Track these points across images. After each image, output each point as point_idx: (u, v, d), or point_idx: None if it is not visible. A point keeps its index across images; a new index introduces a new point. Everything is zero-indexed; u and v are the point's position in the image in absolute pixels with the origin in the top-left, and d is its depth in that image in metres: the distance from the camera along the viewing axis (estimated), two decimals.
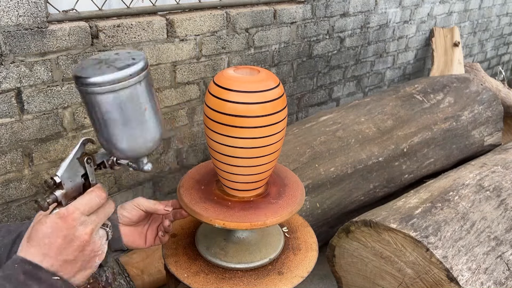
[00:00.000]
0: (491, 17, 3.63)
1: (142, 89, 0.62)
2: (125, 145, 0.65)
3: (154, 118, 0.66)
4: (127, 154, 0.67)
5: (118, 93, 0.60)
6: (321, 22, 2.23)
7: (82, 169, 0.66)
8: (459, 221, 1.27)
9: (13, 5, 1.24)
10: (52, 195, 0.62)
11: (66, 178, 0.63)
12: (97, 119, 0.62)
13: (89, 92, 0.59)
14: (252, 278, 0.91)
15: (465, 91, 2.30)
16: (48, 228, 0.59)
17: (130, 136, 0.64)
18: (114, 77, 0.59)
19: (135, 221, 0.85)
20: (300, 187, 0.96)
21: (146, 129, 0.66)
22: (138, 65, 0.61)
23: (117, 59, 0.62)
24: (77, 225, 0.60)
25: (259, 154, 0.84)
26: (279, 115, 0.82)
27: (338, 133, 1.84)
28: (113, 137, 0.64)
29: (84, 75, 0.58)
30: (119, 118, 0.62)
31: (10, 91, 1.32)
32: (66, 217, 0.60)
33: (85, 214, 0.61)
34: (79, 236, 0.60)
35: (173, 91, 1.74)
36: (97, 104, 0.60)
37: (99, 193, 0.64)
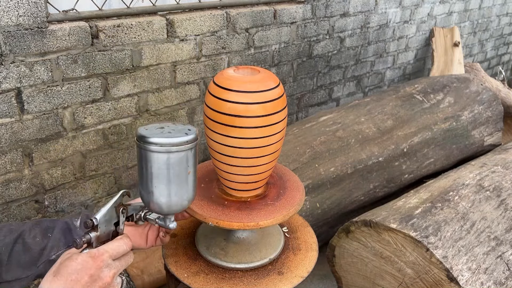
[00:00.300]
0: (491, 17, 3.62)
1: (191, 156, 0.72)
2: (164, 200, 0.73)
3: (193, 181, 0.76)
4: (162, 209, 0.74)
5: (173, 154, 0.70)
6: (321, 22, 2.23)
7: (116, 217, 0.72)
8: (459, 221, 1.27)
9: (13, 5, 1.24)
10: (87, 235, 0.67)
11: (102, 222, 0.69)
12: (147, 174, 0.71)
13: (151, 150, 0.69)
14: (252, 278, 0.91)
15: (465, 91, 2.30)
16: (78, 265, 0.62)
17: (171, 192, 0.73)
18: (175, 141, 0.70)
19: (141, 223, 0.86)
20: (300, 188, 0.96)
21: (185, 189, 0.74)
22: (192, 135, 0.72)
23: (175, 129, 0.73)
24: (104, 266, 0.64)
25: (259, 154, 0.84)
26: (279, 115, 0.82)
27: (338, 133, 1.84)
28: (156, 191, 0.72)
29: (148, 135, 0.70)
30: (167, 175, 0.71)
31: (10, 91, 1.32)
32: (96, 257, 0.64)
33: (112, 258, 0.66)
34: (103, 277, 0.64)
35: (173, 91, 1.74)
36: (154, 161, 0.70)
37: (126, 241, 0.69)
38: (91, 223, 0.67)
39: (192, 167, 0.74)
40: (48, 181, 1.50)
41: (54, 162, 1.49)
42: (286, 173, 1.02)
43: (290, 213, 0.88)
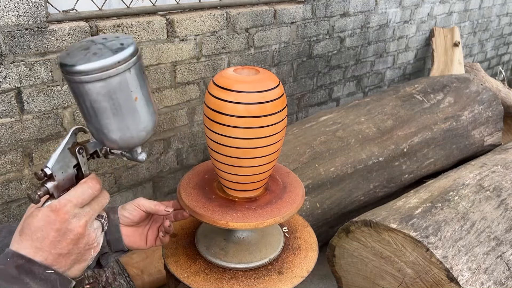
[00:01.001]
0: (491, 17, 3.63)
1: (132, 77, 0.59)
2: (116, 136, 0.62)
3: (146, 107, 0.63)
4: (119, 145, 0.64)
5: (106, 82, 0.56)
6: (321, 22, 2.23)
7: (74, 160, 0.63)
8: (459, 221, 1.27)
9: (13, 5, 1.24)
10: (43, 187, 0.60)
11: (57, 169, 0.61)
12: (85, 109, 0.59)
13: (76, 80, 0.56)
14: (252, 278, 0.91)
15: (465, 91, 2.30)
16: (40, 222, 0.57)
17: (121, 126, 0.61)
18: (102, 64, 0.55)
19: (136, 221, 0.85)
20: (300, 188, 0.96)
21: (137, 119, 0.62)
22: (127, 51, 0.57)
23: (105, 45, 0.58)
24: (70, 218, 0.58)
25: (258, 154, 0.84)
26: (279, 115, 0.82)
27: (338, 133, 1.84)
28: (103, 127, 0.61)
29: (70, 63, 0.55)
30: (108, 107, 0.59)
31: (10, 91, 1.32)
32: (58, 210, 0.58)
33: (79, 206, 0.60)
34: (72, 229, 0.58)
35: (173, 91, 1.74)
36: (85, 93, 0.57)
37: (92, 184, 0.62)
38: (42, 173, 0.60)
39: (138, 90, 0.60)
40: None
41: None
42: (286, 173, 1.02)
43: (290, 213, 0.88)
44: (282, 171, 1.03)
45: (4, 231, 0.79)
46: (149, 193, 1.84)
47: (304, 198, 0.93)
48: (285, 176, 1.00)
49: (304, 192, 0.95)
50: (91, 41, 0.59)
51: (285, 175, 1.01)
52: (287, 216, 0.87)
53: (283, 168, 1.04)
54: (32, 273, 0.56)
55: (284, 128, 0.86)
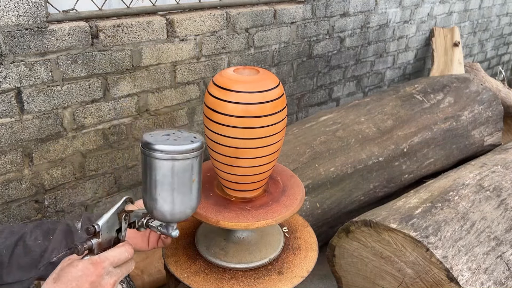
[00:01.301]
0: (491, 17, 3.62)
1: (196, 164, 0.72)
2: (167, 208, 0.72)
3: (197, 189, 0.75)
4: (166, 217, 0.73)
5: (179, 162, 0.70)
6: (321, 22, 2.23)
7: (118, 224, 0.71)
8: (459, 221, 1.27)
9: (13, 5, 1.24)
10: (89, 242, 0.66)
11: (104, 229, 0.68)
12: (151, 181, 0.71)
13: (156, 157, 0.69)
14: (252, 278, 0.91)
15: (465, 91, 2.30)
16: (79, 272, 0.61)
17: (175, 200, 0.72)
18: (180, 149, 0.69)
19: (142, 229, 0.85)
20: (300, 188, 0.96)
21: (189, 198, 0.74)
22: (198, 143, 0.71)
23: (181, 136, 0.73)
24: (105, 274, 0.63)
25: (258, 154, 0.84)
26: (279, 115, 0.82)
27: (338, 133, 1.84)
28: (160, 198, 0.71)
29: (154, 142, 0.69)
30: (171, 183, 0.70)
31: (10, 91, 1.32)
32: (98, 264, 0.63)
33: (113, 265, 0.65)
34: (104, 285, 0.63)
35: (173, 91, 1.74)
36: (158, 168, 0.69)
37: (129, 248, 0.68)
38: (93, 229, 0.66)
39: (197, 175, 0.73)
40: (48, 181, 1.50)
41: (54, 162, 1.49)
42: (286, 173, 1.02)
43: (290, 213, 0.88)
44: (285, 173, 1.02)
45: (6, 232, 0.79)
46: None
47: (304, 198, 0.93)
48: (287, 179, 1.00)
49: (303, 197, 0.94)
50: (171, 131, 0.74)
51: (287, 177, 1.01)
52: (287, 216, 0.87)
53: (286, 171, 1.03)
54: None
55: (284, 128, 0.86)
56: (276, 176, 1.00)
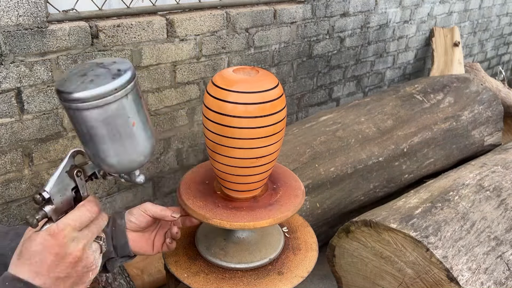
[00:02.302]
0: (491, 17, 3.62)
1: (129, 103, 0.58)
2: (114, 161, 0.62)
3: (143, 131, 0.63)
4: (117, 169, 0.64)
5: (103, 109, 0.56)
6: (321, 22, 2.23)
7: (73, 183, 0.63)
8: (459, 221, 1.27)
9: (13, 5, 1.24)
10: (42, 211, 0.59)
11: (55, 192, 0.60)
12: (83, 134, 0.59)
13: (72, 107, 0.56)
14: (252, 278, 0.91)
15: (465, 91, 2.30)
16: (38, 246, 0.57)
17: (119, 151, 0.61)
18: (99, 92, 0.55)
19: (143, 227, 0.85)
20: (300, 188, 0.96)
21: (135, 144, 0.62)
22: (124, 77, 0.57)
23: (102, 71, 0.57)
24: (69, 241, 0.58)
25: (258, 154, 0.84)
26: (278, 115, 0.82)
27: (338, 133, 1.84)
28: (101, 152, 0.61)
29: (67, 90, 0.55)
30: (106, 133, 0.59)
31: (10, 91, 1.32)
32: (56, 234, 0.58)
33: (77, 229, 0.59)
34: (71, 253, 0.58)
35: (173, 91, 1.74)
36: (82, 120, 0.57)
37: (90, 207, 0.61)
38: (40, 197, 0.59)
39: (136, 115, 0.60)
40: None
41: (54, 162, 1.49)
42: (286, 173, 1.02)
43: (290, 213, 0.88)
44: (285, 173, 1.02)
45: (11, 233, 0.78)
46: (149, 193, 1.84)
47: (304, 198, 0.93)
48: (285, 176, 1.00)
49: (304, 192, 0.95)
50: (88, 66, 0.59)
51: (285, 175, 1.01)
52: (287, 216, 0.87)
53: (286, 171, 1.04)
54: None
55: (283, 128, 0.86)
56: (276, 176, 1.00)
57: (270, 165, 0.89)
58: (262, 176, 0.89)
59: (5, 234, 0.78)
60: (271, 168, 0.90)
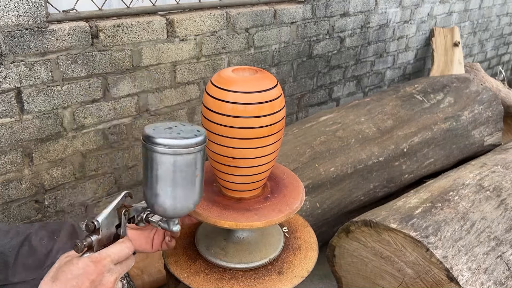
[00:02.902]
0: (491, 17, 3.62)
1: (199, 158, 0.70)
2: (169, 203, 0.70)
3: (200, 184, 0.73)
4: (167, 212, 0.72)
5: (183, 157, 0.68)
6: (321, 22, 2.23)
7: (117, 220, 0.69)
8: (459, 221, 1.27)
9: (13, 5, 1.24)
10: (88, 239, 0.64)
11: (104, 225, 0.66)
12: (154, 175, 0.68)
13: (158, 151, 0.66)
14: (252, 278, 0.91)
15: (465, 91, 2.30)
16: (79, 270, 0.59)
17: (177, 196, 0.70)
18: (185, 143, 0.67)
19: (142, 224, 0.85)
20: (300, 188, 0.96)
21: (192, 192, 0.72)
22: (202, 137, 0.69)
23: (184, 129, 0.70)
24: (105, 272, 0.61)
25: (257, 154, 0.84)
26: (277, 115, 0.82)
27: (338, 133, 1.84)
28: (162, 193, 0.69)
29: (156, 136, 0.67)
30: (173, 178, 0.68)
31: (10, 91, 1.32)
32: (98, 262, 0.61)
33: (114, 262, 0.63)
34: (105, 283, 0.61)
35: (173, 91, 1.74)
36: (161, 163, 0.67)
37: (129, 245, 0.66)
38: (92, 226, 0.64)
39: (200, 170, 0.71)
40: (48, 181, 1.50)
41: (54, 162, 1.49)
42: (286, 173, 1.02)
43: (290, 213, 0.88)
44: (285, 173, 1.02)
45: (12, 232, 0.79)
46: None
47: (304, 198, 0.93)
48: (285, 176, 1.00)
49: (303, 197, 0.94)
50: (173, 124, 0.72)
51: (287, 177, 1.01)
52: (287, 216, 0.87)
53: (286, 171, 1.03)
54: None
55: (282, 128, 0.86)
56: (276, 176, 1.00)
57: (269, 165, 0.88)
58: (261, 176, 0.89)
59: (5, 232, 0.78)
60: (270, 168, 0.90)
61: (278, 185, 0.97)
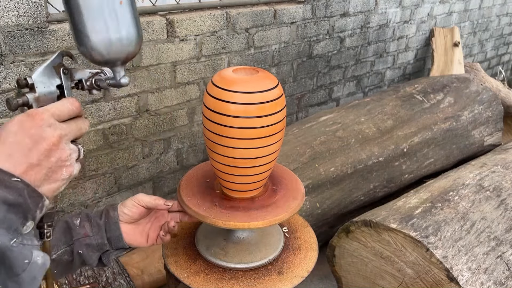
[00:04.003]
0: (491, 17, 3.62)
1: None
2: (96, 38, 0.62)
3: (130, 14, 0.63)
4: (100, 51, 0.63)
5: None
6: (321, 22, 2.23)
7: (58, 80, 0.63)
8: (459, 221, 1.27)
9: (13, 5, 1.24)
10: (24, 97, 0.58)
11: (39, 81, 0.60)
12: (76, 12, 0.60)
13: None
14: (252, 278, 0.91)
15: (465, 91, 2.30)
16: (14, 125, 0.54)
17: (103, 27, 0.61)
18: None
19: (136, 218, 0.85)
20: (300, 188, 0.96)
21: (121, 24, 0.62)
22: None
23: None
24: (45, 125, 0.55)
25: (257, 155, 0.84)
26: (278, 115, 0.82)
27: (338, 133, 1.84)
28: (85, 26, 0.61)
29: None
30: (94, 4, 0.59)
31: (10, 91, 1.32)
32: (34, 115, 0.55)
33: (55, 117, 0.57)
34: (46, 137, 0.55)
35: (173, 91, 1.74)
36: None
37: (72, 101, 0.60)
38: (24, 81, 0.58)
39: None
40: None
41: None
42: (286, 173, 1.02)
43: (290, 213, 0.88)
44: (285, 173, 1.02)
45: None
46: (149, 193, 1.84)
47: (304, 198, 0.93)
48: (285, 176, 1.00)
49: (303, 197, 0.94)
50: None
51: (285, 175, 1.01)
52: (287, 216, 0.87)
53: (286, 171, 1.04)
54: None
55: (283, 128, 0.86)
56: (276, 176, 1.00)
57: (270, 165, 0.89)
58: (262, 176, 0.89)
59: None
60: (271, 168, 0.90)
61: (278, 185, 0.97)
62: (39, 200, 0.54)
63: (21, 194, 0.51)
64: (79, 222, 0.81)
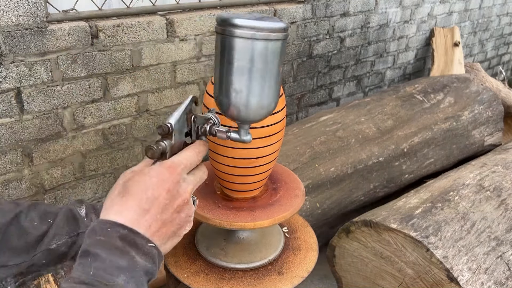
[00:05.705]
0: (491, 17, 3.62)
1: (283, 47, 0.58)
2: (255, 100, 0.59)
3: (278, 82, 0.61)
4: (241, 114, 0.61)
5: (268, 43, 0.56)
6: (321, 22, 2.22)
7: (186, 127, 0.60)
8: (459, 221, 1.27)
9: (13, 5, 1.24)
10: (162, 144, 0.54)
11: (176, 129, 0.56)
12: (231, 67, 0.57)
13: (243, 36, 0.55)
14: (252, 278, 0.90)
15: (465, 91, 2.29)
16: (153, 178, 0.51)
17: (263, 91, 0.59)
18: (271, 26, 0.55)
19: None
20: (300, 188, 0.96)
21: (268, 91, 0.60)
22: (286, 24, 0.58)
23: (265, 16, 0.58)
24: (181, 180, 0.53)
25: (257, 155, 0.84)
26: (278, 115, 0.82)
27: (338, 133, 1.84)
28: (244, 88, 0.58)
29: (237, 18, 0.55)
30: (261, 68, 0.57)
31: (10, 91, 1.32)
32: (173, 168, 0.52)
33: (187, 171, 0.55)
34: (182, 193, 0.52)
35: (173, 91, 1.74)
36: (246, 51, 0.56)
37: (198, 150, 0.57)
38: (166, 128, 0.54)
39: (282, 63, 0.59)
40: (48, 181, 1.50)
41: (54, 162, 1.49)
42: (286, 173, 1.02)
43: (290, 213, 0.88)
44: (285, 173, 1.02)
45: None
46: None
47: (304, 198, 0.93)
48: (285, 176, 1.00)
49: (304, 192, 0.94)
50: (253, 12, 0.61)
51: (285, 175, 1.01)
52: (287, 216, 0.87)
53: (286, 171, 1.03)
54: (135, 245, 0.49)
55: (283, 128, 0.86)
56: (276, 176, 1.00)
57: (270, 165, 0.88)
58: (262, 176, 0.89)
59: None
60: (271, 168, 0.90)
61: (278, 185, 0.97)
62: (160, 261, 0.52)
63: (155, 261, 0.50)
64: (85, 213, 0.75)
